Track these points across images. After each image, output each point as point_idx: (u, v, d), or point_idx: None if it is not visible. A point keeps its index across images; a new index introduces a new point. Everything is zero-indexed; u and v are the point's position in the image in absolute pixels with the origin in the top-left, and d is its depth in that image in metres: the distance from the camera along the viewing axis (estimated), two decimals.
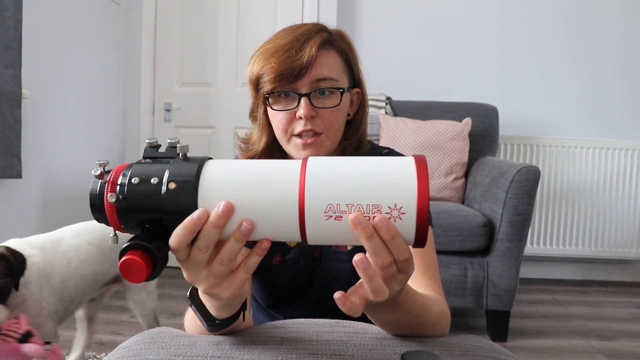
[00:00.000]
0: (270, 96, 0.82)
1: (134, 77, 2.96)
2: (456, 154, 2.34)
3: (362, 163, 0.47)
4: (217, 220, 0.46)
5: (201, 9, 2.97)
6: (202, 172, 0.48)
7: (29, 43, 2.04)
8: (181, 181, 0.47)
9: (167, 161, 0.49)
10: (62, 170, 2.37)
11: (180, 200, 0.47)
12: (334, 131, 0.83)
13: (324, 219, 0.45)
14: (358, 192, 0.45)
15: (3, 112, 1.85)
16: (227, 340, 0.60)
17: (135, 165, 0.49)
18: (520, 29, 2.89)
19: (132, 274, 0.45)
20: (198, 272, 0.49)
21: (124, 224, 0.49)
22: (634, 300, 2.63)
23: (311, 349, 0.58)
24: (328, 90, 0.81)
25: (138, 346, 0.59)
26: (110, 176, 0.49)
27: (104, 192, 0.49)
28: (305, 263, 0.91)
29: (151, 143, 0.51)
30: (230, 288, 0.50)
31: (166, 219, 0.47)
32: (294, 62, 0.78)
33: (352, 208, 0.44)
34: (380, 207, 0.44)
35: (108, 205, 0.48)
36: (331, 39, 0.84)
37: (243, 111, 2.90)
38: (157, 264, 0.46)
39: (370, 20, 2.91)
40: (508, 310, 2.01)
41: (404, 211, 0.44)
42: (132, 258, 0.45)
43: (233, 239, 0.47)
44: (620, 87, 2.89)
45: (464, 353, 0.59)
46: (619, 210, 2.84)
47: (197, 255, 0.48)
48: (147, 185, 0.47)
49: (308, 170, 0.46)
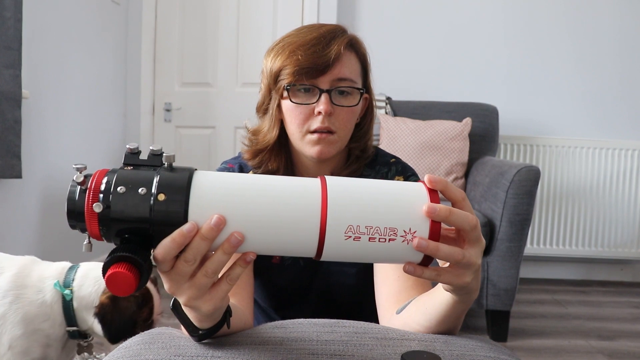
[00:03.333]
0: (290, 89, 0.82)
1: (134, 77, 2.96)
2: (456, 154, 2.34)
3: (381, 187, 0.49)
4: (208, 232, 0.45)
5: (201, 9, 2.97)
6: (193, 183, 0.47)
7: (29, 43, 2.04)
8: (171, 193, 0.46)
9: (152, 169, 0.47)
10: (62, 170, 2.37)
11: (170, 212, 0.45)
12: (346, 131, 0.84)
13: (344, 239, 0.47)
14: (378, 215, 0.47)
15: (3, 112, 1.85)
16: (228, 340, 0.60)
17: (120, 172, 0.47)
18: (520, 29, 2.89)
19: (121, 287, 0.43)
20: (180, 283, 0.48)
21: (104, 232, 0.47)
22: (634, 300, 2.63)
23: (311, 349, 0.58)
24: (347, 89, 0.82)
25: (138, 346, 0.59)
26: (91, 183, 0.46)
27: (84, 199, 0.46)
28: (305, 264, 0.91)
29: (132, 149, 0.49)
30: (212, 300, 0.49)
31: (153, 230, 0.46)
32: (320, 57, 0.79)
33: (370, 230, 0.47)
34: (396, 231, 0.47)
35: (90, 214, 0.46)
36: (354, 42, 0.85)
37: (243, 111, 2.91)
38: (143, 274, 0.45)
39: (370, 20, 2.91)
40: (508, 310, 2.01)
41: (417, 235, 0.47)
42: (119, 271, 0.43)
43: (221, 251, 0.46)
44: (620, 87, 2.89)
45: (464, 353, 0.59)
46: (619, 210, 2.84)
47: (182, 267, 0.46)
48: (134, 195, 0.45)
49: (330, 189, 0.47)
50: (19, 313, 1.05)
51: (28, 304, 1.07)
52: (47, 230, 2.28)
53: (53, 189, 2.31)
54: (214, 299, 0.49)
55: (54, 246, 2.34)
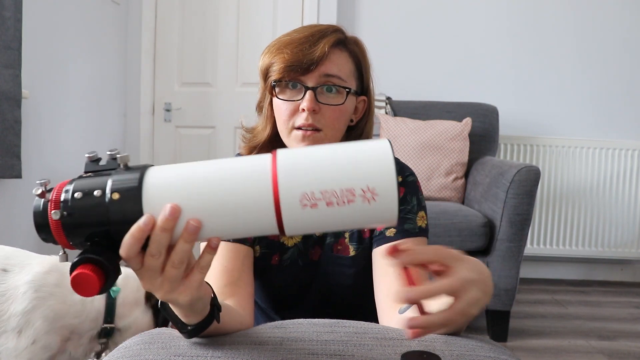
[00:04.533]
0: (277, 85, 0.83)
1: (134, 77, 2.96)
2: (456, 154, 2.34)
3: (332, 149, 0.47)
4: (165, 223, 0.45)
5: (201, 9, 2.97)
6: (145, 179, 0.47)
7: (29, 43, 2.04)
8: (124, 190, 0.46)
9: (108, 173, 0.49)
10: (62, 170, 2.37)
11: (125, 210, 0.46)
12: (333, 130, 0.83)
13: (300, 209, 0.45)
14: (331, 177, 0.45)
15: (3, 112, 1.85)
16: (227, 341, 0.60)
17: (77, 180, 0.48)
18: (520, 29, 2.89)
19: (84, 288, 0.44)
20: (153, 279, 0.48)
21: (72, 240, 0.48)
22: (634, 300, 2.63)
23: (311, 349, 0.58)
24: (335, 88, 0.82)
25: (138, 346, 0.59)
26: (52, 194, 0.48)
27: (47, 210, 0.48)
28: (303, 264, 0.91)
29: (91, 157, 0.50)
30: (187, 291, 0.50)
31: (113, 230, 0.47)
32: (306, 55, 0.80)
33: (326, 195, 0.45)
34: (353, 191, 0.45)
35: (53, 223, 0.47)
36: (346, 41, 0.85)
37: (243, 111, 2.90)
38: (109, 276, 0.46)
39: (370, 20, 2.91)
40: (508, 310, 2.01)
41: (378, 192, 0.45)
42: (83, 272, 0.44)
43: (182, 240, 0.47)
44: (620, 87, 2.89)
45: (464, 353, 0.59)
46: (619, 210, 2.83)
47: (150, 261, 0.47)
48: (90, 198, 0.47)
49: (279, 161, 0.46)
50: (51, 310, 1.07)
51: (60, 302, 1.09)
52: None
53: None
54: (189, 289, 0.49)
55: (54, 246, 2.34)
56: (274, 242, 0.90)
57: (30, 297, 1.06)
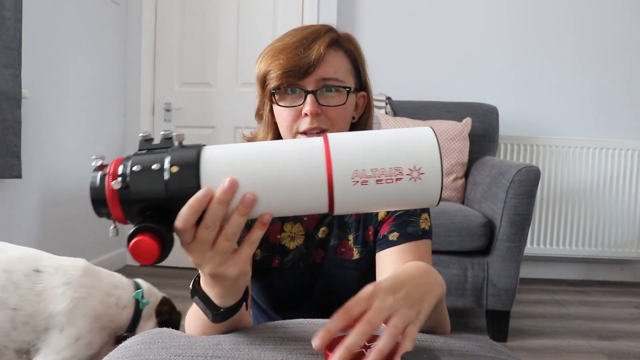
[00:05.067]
0: (276, 92, 0.83)
1: (134, 77, 2.96)
2: (456, 154, 2.34)
3: (380, 133, 0.51)
4: (223, 195, 0.47)
5: (201, 9, 2.97)
6: (202, 155, 0.49)
7: (29, 43, 2.04)
8: (183, 164, 0.48)
9: (164, 150, 0.50)
10: (62, 170, 2.37)
11: (183, 183, 0.48)
12: (338, 128, 0.83)
13: (351, 185, 0.48)
14: (381, 156, 0.48)
15: (3, 112, 1.85)
16: (227, 340, 0.60)
17: (134, 156, 0.50)
18: (520, 29, 2.89)
19: (144, 255, 0.46)
20: (204, 252, 0.50)
21: (127, 212, 0.49)
22: (634, 300, 2.63)
23: (311, 349, 0.58)
24: (334, 88, 0.82)
25: (138, 346, 0.59)
26: (110, 168, 0.49)
27: (104, 183, 0.49)
28: (305, 267, 0.91)
29: (145, 136, 0.52)
30: (236, 265, 0.51)
31: (170, 203, 0.48)
32: (302, 59, 0.79)
33: (376, 172, 0.48)
34: (401, 170, 0.48)
35: (110, 195, 0.48)
36: (339, 40, 0.85)
37: (243, 111, 2.91)
38: (166, 244, 0.47)
39: (370, 20, 2.91)
40: (508, 310, 2.01)
41: (423, 171, 0.48)
42: (143, 238, 0.46)
43: (237, 213, 0.48)
44: (620, 87, 2.89)
45: (464, 353, 0.59)
46: (619, 210, 2.83)
47: (203, 234, 0.49)
48: (149, 171, 0.48)
49: (331, 141, 0.49)
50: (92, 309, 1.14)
51: (99, 303, 1.16)
52: (47, 230, 2.28)
53: (53, 189, 2.31)
54: (238, 263, 0.52)
55: (54, 246, 2.34)
56: (274, 245, 0.90)
57: (70, 297, 1.10)
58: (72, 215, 2.44)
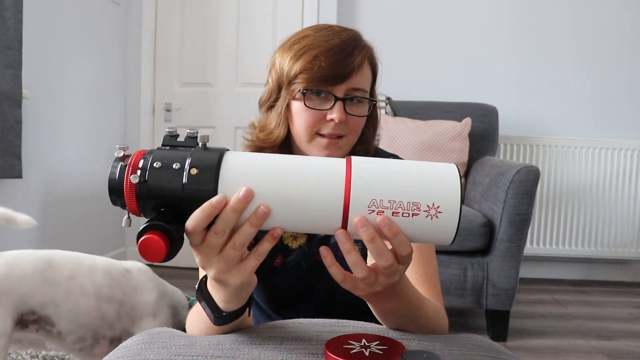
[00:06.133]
0: (306, 93, 0.81)
1: (134, 77, 2.96)
2: (456, 154, 2.34)
3: (404, 164, 0.50)
4: (237, 204, 0.47)
5: (201, 9, 2.97)
6: (223, 161, 0.49)
7: (29, 43, 2.04)
8: (203, 168, 0.48)
9: (187, 149, 0.50)
10: (62, 170, 2.37)
11: (201, 186, 0.48)
12: (354, 136, 0.85)
13: (367, 213, 0.48)
14: (401, 189, 0.48)
15: (3, 112, 1.85)
16: (227, 340, 0.60)
17: (157, 151, 0.50)
18: (520, 29, 2.89)
19: (151, 253, 0.46)
20: (211, 257, 0.50)
21: (141, 206, 0.50)
22: (634, 300, 2.63)
23: (311, 349, 0.58)
24: (360, 99, 0.83)
25: (138, 346, 0.59)
26: (131, 160, 0.50)
27: (124, 175, 0.49)
28: (307, 266, 0.91)
29: (171, 132, 0.52)
30: (240, 274, 0.52)
31: (185, 203, 0.49)
32: (343, 67, 0.79)
33: (393, 204, 0.47)
34: (419, 205, 0.48)
35: (128, 187, 0.49)
36: (371, 53, 0.87)
37: (243, 111, 2.91)
38: (174, 245, 0.47)
39: (370, 21, 2.91)
40: (508, 310, 2.01)
41: (442, 210, 0.47)
42: (152, 237, 0.46)
43: (248, 223, 0.49)
44: (620, 87, 2.89)
45: (464, 353, 0.59)
46: (619, 210, 2.84)
47: (212, 239, 0.49)
48: (169, 170, 0.49)
49: (354, 166, 0.49)
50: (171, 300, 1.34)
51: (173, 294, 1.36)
52: (48, 230, 2.28)
53: (53, 188, 2.31)
54: (242, 273, 0.52)
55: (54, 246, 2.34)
56: (277, 244, 0.90)
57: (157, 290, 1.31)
58: (72, 215, 2.44)
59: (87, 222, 2.58)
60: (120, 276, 1.27)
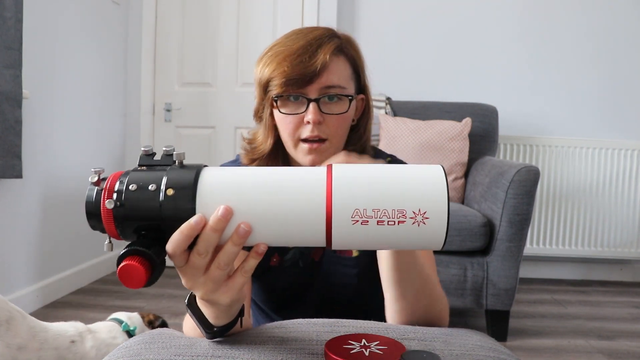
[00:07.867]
0: (279, 99, 0.82)
1: (134, 77, 2.96)
2: (456, 154, 2.35)
3: (387, 170, 0.48)
4: (216, 224, 0.46)
5: (201, 9, 2.97)
6: (200, 179, 0.48)
7: (29, 43, 2.04)
8: (179, 188, 0.47)
9: (163, 169, 0.49)
10: (62, 170, 2.37)
11: (178, 207, 0.47)
12: (338, 138, 0.83)
13: (351, 224, 0.46)
14: (384, 197, 0.46)
15: (3, 112, 1.85)
16: (227, 340, 0.60)
17: (132, 173, 0.49)
18: (519, 30, 2.89)
19: (131, 279, 0.45)
20: (196, 278, 0.49)
21: (121, 230, 0.48)
22: (634, 300, 2.63)
23: (311, 349, 0.58)
24: (336, 96, 0.81)
25: (138, 346, 0.60)
26: (107, 183, 0.49)
27: (100, 199, 0.48)
28: (304, 265, 0.91)
29: (146, 151, 0.51)
30: (228, 292, 0.51)
31: (164, 225, 0.47)
32: (306, 67, 0.78)
33: (378, 213, 0.46)
34: (405, 213, 0.46)
35: (105, 212, 0.48)
36: (342, 46, 0.84)
37: (243, 111, 2.91)
38: (155, 269, 0.46)
39: (370, 21, 2.91)
40: (508, 310, 2.01)
41: (428, 216, 0.46)
42: (131, 263, 0.44)
43: (230, 242, 0.47)
44: (620, 87, 2.89)
45: (464, 352, 0.59)
46: (619, 210, 2.84)
47: (196, 260, 0.48)
48: (144, 191, 0.47)
49: (335, 175, 0.47)
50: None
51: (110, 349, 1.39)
52: (48, 230, 2.28)
53: (53, 189, 2.31)
54: (231, 291, 0.51)
55: (55, 246, 2.34)
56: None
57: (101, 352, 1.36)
58: (72, 215, 2.44)
59: (87, 222, 2.57)
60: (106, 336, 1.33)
